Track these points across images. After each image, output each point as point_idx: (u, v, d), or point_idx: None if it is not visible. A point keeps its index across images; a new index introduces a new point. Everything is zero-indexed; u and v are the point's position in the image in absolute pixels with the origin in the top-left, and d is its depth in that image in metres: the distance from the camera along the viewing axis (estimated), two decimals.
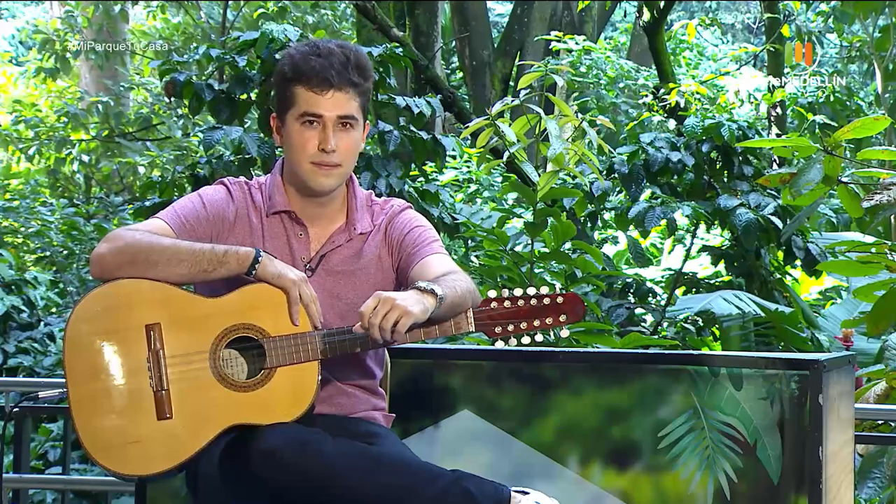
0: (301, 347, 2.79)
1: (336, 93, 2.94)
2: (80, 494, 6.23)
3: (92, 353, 2.79)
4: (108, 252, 2.81)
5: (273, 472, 2.69)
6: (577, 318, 2.89)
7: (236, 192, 3.03)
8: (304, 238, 3.02)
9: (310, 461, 2.69)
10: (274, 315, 2.80)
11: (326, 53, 2.95)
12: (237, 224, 3.00)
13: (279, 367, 2.78)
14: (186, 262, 2.80)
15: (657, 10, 10.06)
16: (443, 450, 2.86)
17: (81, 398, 2.79)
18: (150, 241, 2.82)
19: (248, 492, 2.75)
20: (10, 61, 17.99)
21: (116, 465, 2.77)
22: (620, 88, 13.59)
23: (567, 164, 5.12)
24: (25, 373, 7.17)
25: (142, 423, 2.76)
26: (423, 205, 6.31)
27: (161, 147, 12.40)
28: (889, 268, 4.31)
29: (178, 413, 2.76)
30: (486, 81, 14.21)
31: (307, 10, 14.55)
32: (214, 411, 2.76)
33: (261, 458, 2.69)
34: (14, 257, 8.50)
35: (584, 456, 3.39)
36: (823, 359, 3.31)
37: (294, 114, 2.95)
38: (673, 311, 6.71)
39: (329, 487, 2.69)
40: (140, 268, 2.79)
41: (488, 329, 2.86)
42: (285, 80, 2.97)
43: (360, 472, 2.71)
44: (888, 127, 5.97)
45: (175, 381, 2.77)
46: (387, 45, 6.33)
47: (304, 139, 2.94)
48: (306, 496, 2.71)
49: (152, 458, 2.76)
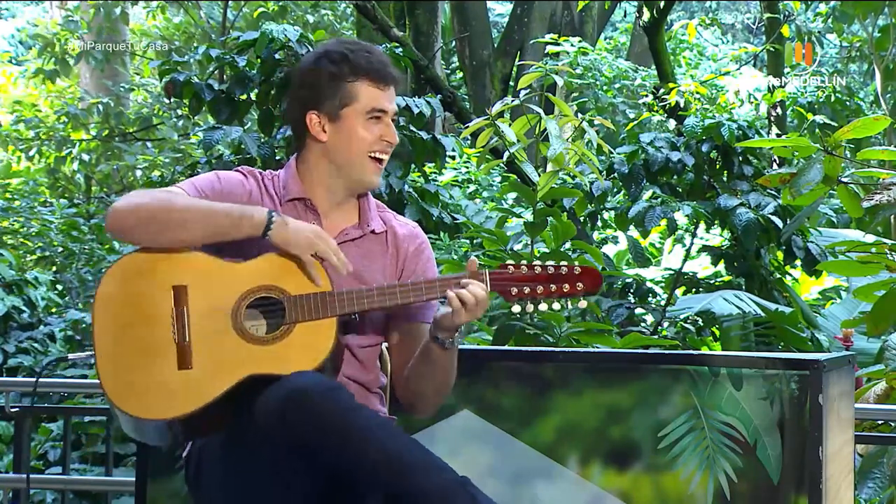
0: (320, 304, 2.86)
1: (394, 88, 3.04)
2: (80, 494, 6.22)
3: (120, 309, 2.89)
4: (126, 208, 2.87)
5: (297, 413, 2.68)
6: (595, 288, 2.92)
7: (251, 179, 3.07)
8: (317, 226, 3.02)
9: (334, 406, 2.70)
10: (299, 277, 2.88)
11: (373, 51, 3.03)
12: (251, 205, 3.00)
13: (297, 322, 2.85)
14: (201, 224, 2.85)
15: (657, 10, 10.05)
16: (443, 450, 2.85)
17: (106, 350, 2.88)
18: (168, 201, 2.86)
19: (264, 439, 2.73)
20: (9, 61, 17.99)
21: (136, 409, 2.84)
22: (618, 89, 13.59)
23: (567, 164, 5.12)
24: (26, 373, 7.17)
25: (164, 371, 2.84)
26: (423, 205, 6.32)
27: (160, 148, 12.39)
28: (889, 268, 4.31)
29: (198, 364, 2.84)
30: (485, 81, 14.21)
31: (307, 10, 14.56)
32: (234, 362, 2.83)
33: (289, 396, 2.70)
34: (14, 257, 8.50)
35: (584, 456, 3.39)
36: (823, 359, 3.31)
37: (358, 109, 2.98)
38: (673, 311, 6.71)
39: (346, 440, 2.68)
40: (154, 227, 2.86)
41: (505, 290, 2.90)
42: (337, 77, 2.98)
43: (377, 432, 2.71)
44: (888, 127, 5.97)
45: (197, 335, 2.85)
46: (387, 45, 6.34)
47: (371, 134, 2.99)
48: (323, 443, 2.69)
49: (172, 403, 2.83)
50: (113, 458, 5.35)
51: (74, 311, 7.91)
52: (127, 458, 6.34)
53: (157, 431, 2.94)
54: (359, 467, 2.69)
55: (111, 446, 5.23)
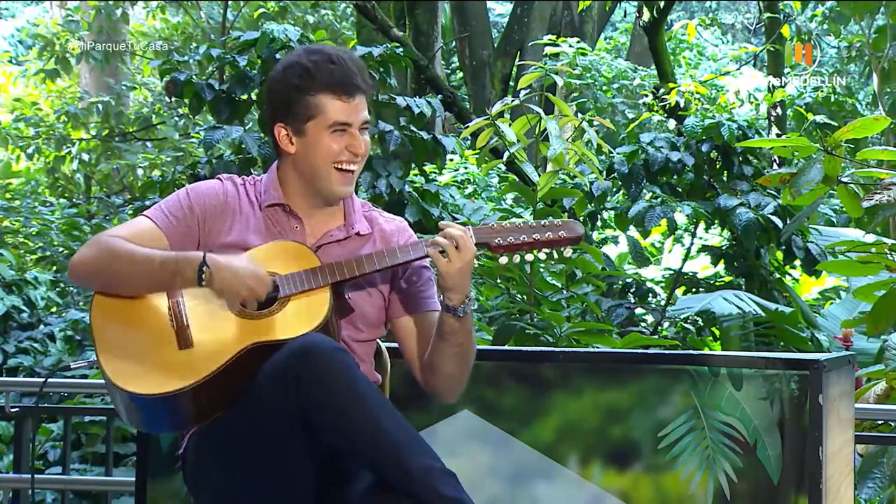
0: (312, 277, 2.91)
1: (360, 98, 2.99)
2: (80, 494, 6.22)
3: (118, 304, 2.93)
4: (79, 262, 2.93)
5: (304, 366, 2.70)
6: (576, 237, 2.96)
7: (228, 185, 3.07)
8: (300, 231, 3.04)
9: (340, 366, 2.73)
10: (289, 261, 2.93)
11: (339, 60, 2.97)
12: (227, 213, 3.03)
13: (291, 296, 2.89)
14: (142, 280, 2.89)
15: (657, 10, 10.05)
16: (443, 450, 2.86)
17: (107, 338, 2.91)
18: (112, 255, 2.89)
19: (269, 405, 2.74)
20: (9, 61, 17.98)
21: (142, 387, 2.84)
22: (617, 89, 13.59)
23: (567, 164, 5.12)
24: (25, 373, 7.17)
25: (165, 354, 2.87)
26: (424, 205, 6.32)
27: (160, 148, 12.39)
28: (889, 267, 4.31)
29: (198, 342, 2.87)
30: (485, 81, 14.20)
31: (307, 10, 14.55)
32: (234, 336, 2.86)
33: (294, 351, 2.73)
34: (14, 257, 8.51)
35: (584, 456, 3.39)
36: (823, 359, 3.31)
37: (321, 123, 2.97)
38: (673, 310, 6.71)
39: (349, 403, 2.70)
40: (103, 280, 2.92)
41: (489, 241, 2.94)
42: (300, 90, 2.96)
43: (374, 405, 2.73)
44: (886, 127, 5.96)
45: (194, 318, 2.89)
46: (387, 45, 6.33)
47: (336, 148, 2.97)
48: (327, 401, 2.70)
49: (174, 378, 2.83)
50: (113, 457, 5.35)
51: (74, 310, 7.91)
52: (127, 457, 6.34)
53: (168, 413, 2.89)
54: (354, 436, 2.71)
55: (111, 446, 5.23)
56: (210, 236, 3.00)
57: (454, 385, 3.05)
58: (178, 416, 2.90)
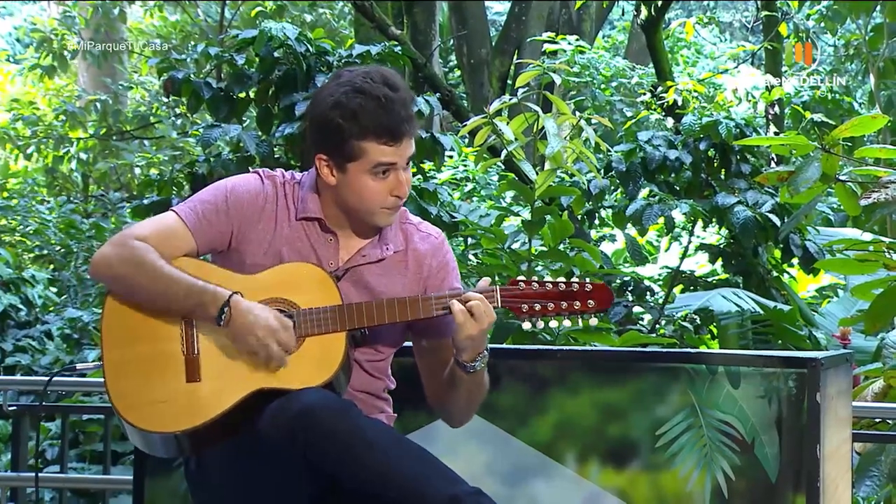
0: (329, 318, 2.84)
1: (406, 140, 2.89)
2: (78, 493, 6.23)
3: (130, 320, 2.87)
4: (103, 263, 2.87)
5: (306, 432, 2.68)
6: (605, 306, 2.90)
7: (268, 188, 2.98)
8: (334, 244, 2.97)
9: (342, 424, 2.70)
10: (308, 291, 2.86)
11: (387, 103, 2.84)
12: (262, 221, 2.95)
13: (307, 336, 2.83)
14: (163, 302, 2.84)
15: (655, 8, 10.05)
16: (441, 449, 2.86)
17: (115, 359, 2.87)
18: (136, 269, 2.83)
19: (272, 455, 2.73)
20: (7, 59, 17.96)
21: (143, 422, 2.82)
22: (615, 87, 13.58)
23: (565, 162, 5.12)
24: (23, 371, 7.17)
25: (171, 384, 2.82)
26: (422, 203, 6.31)
27: (158, 146, 12.39)
28: (887, 266, 4.31)
29: (206, 377, 2.82)
30: (483, 80, 14.19)
31: (305, 9, 14.54)
32: (242, 375, 2.82)
33: (297, 415, 2.69)
34: (12, 256, 8.51)
35: (582, 454, 3.40)
36: (821, 357, 3.31)
37: (363, 166, 2.86)
38: (671, 308, 6.72)
39: (355, 456, 2.68)
40: (123, 289, 2.86)
41: (515, 306, 2.88)
42: (345, 132, 2.84)
43: (386, 448, 2.71)
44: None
45: (206, 348, 2.84)
46: (385, 44, 6.33)
47: (377, 189, 2.88)
48: (330, 460, 2.70)
49: (179, 417, 2.81)
50: (111, 456, 5.35)
51: (72, 309, 7.91)
52: (125, 456, 6.35)
53: (165, 444, 2.89)
54: (369, 482, 2.70)
55: (109, 444, 5.23)
56: (241, 243, 2.94)
57: (461, 418, 3.07)
58: (171, 448, 2.89)
